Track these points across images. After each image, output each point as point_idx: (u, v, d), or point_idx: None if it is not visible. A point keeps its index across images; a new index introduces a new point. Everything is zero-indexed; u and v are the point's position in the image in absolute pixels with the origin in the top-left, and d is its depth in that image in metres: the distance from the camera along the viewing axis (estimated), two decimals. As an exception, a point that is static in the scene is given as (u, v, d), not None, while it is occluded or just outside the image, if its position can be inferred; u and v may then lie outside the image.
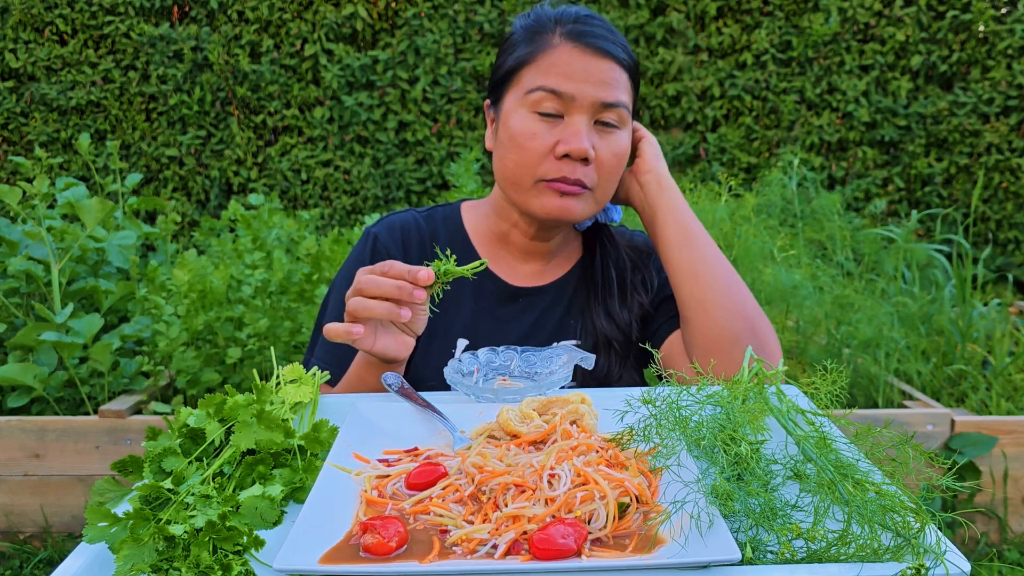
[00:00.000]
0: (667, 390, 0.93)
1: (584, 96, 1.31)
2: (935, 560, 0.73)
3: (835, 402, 0.94)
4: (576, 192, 1.34)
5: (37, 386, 2.78)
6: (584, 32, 1.33)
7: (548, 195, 1.35)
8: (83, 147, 3.75)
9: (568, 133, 1.31)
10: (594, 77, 1.31)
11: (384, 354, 1.23)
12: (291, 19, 5.19)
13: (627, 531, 0.81)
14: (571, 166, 1.32)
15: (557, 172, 1.32)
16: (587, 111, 1.32)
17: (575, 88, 1.30)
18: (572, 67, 1.31)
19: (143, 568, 0.76)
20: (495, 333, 1.45)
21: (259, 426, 0.95)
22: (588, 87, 1.31)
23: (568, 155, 1.31)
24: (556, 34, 1.34)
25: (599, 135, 1.34)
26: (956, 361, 3.21)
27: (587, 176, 1.33)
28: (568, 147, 1.30)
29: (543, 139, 1.32)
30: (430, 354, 1.44)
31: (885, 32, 5.04)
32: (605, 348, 1.46)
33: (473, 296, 1.49)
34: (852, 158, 5.22)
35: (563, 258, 1.56)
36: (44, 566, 2.67)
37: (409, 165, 5.30)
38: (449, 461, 0.97)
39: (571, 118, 1.32)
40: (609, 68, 1.32)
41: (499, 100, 1.41)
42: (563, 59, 1.32)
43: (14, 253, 3.14)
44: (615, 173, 1.37)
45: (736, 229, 2.86)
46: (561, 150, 1.31)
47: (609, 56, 1.32)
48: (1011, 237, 5.18)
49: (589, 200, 1.37)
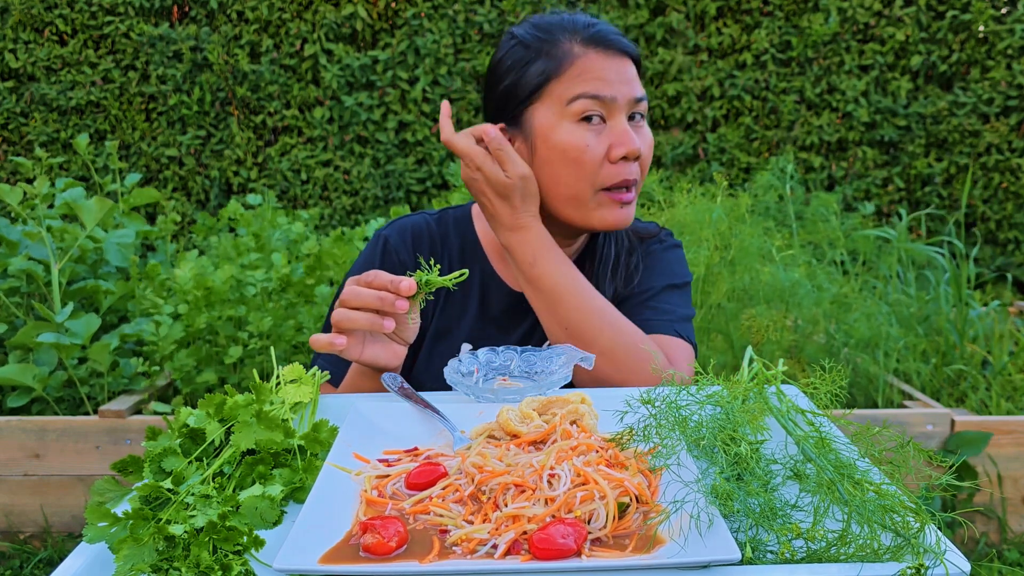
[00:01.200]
0: (667, 390, 0.93)
1: (623, 96, 1.34)
2: (935, 560, 0.73)
3: (835, 402, 0.94)
4: (631, 200, 1.37)
5: (36, 386, 2.78)
6: (601, 35, 1.36)
7: (608, 207, 1.36)
8: (81, 147, 3.75)
9: (616, 136, 1.33)
10: (624, 76, 1.35)
11: (374, 363, 1.24)
12: (291, 19, 5.19)
13: (627, 531, 0.81)
14: (628, 167, 1.34)
15: (618, 176, 1.34)
16: (624, 110, 1.35)
17: (614, 90, 1.33)
18: (606, 71, 1.33)
19: (143, 568, 0.76)
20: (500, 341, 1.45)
21: (259, 426, 0.95)
22: (623, 87, 1.34)
23: (626, 158, 1.34)
24: (574, 43, 1.35)
25: (636, 131, 1.37)
26: (956, 361, 3.21)
27: (636, 174, 1.37)
28: (626, 149, 1.32)
29: (597, 148, 1.33)
30: (432, 360, 1.45)
31: (885, 32, 5.04)
32: None
33: (479, 303, 1.49)
34: (852, 158, 5.22)
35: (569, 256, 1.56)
36: (44, 566, 2.67)
37: (409, 165, 5.30)
38: (449, 461, 0.97)
39: (613, 120, 1.34)
40: (629, 66, 1.37)
41: (520, 119, 1.38)
42: (595, 65, 1.33)
43: (14, 253, 3.14)
44: (649, 163, 1.42)
45: (733, 229, 2.87)
46: (618, 153, 1.33)
47: (626, 54, 1.37)
48: (1011, 237, 5.18)
49: (634, 199, 1.40)
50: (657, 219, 2.89)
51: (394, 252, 1.49)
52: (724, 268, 2.78)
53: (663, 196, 3.01)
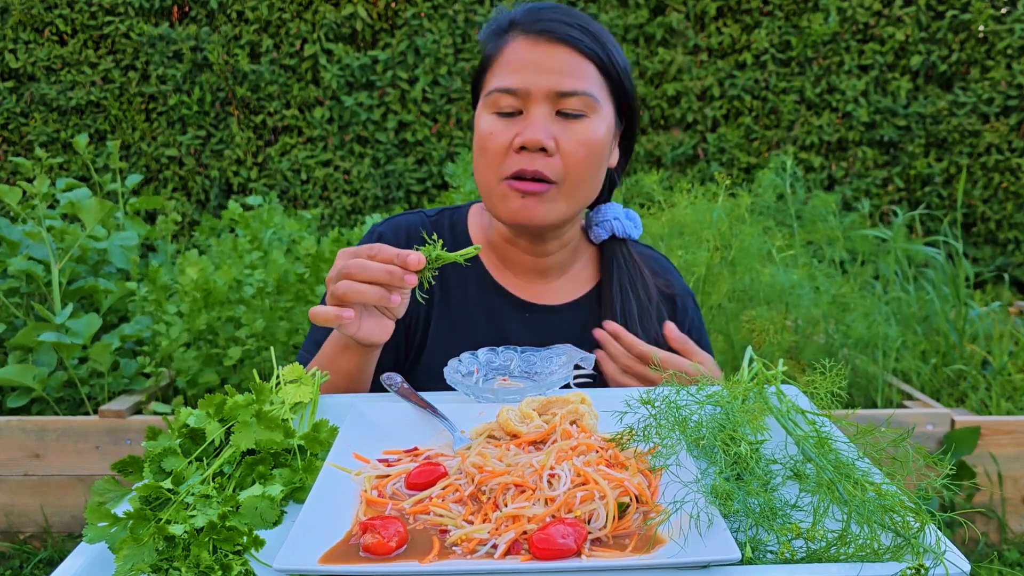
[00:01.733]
0: (667, 390, 0.93)
1: (538, 87, 1.26)
2: (935, 560, 0.73)
3: (835, 402, 0.94)
4: (537, 191, 1.28)
5: (36, 387, 2.78)
6: (536, 22, 1.29)
7: (511, 198, 1.29)
8: (81, 147, 3.75)
9: (524, 125, 1.27)
10: (546, 66, 1.26)
11: (368, 339, 1.19)
12: (291, 19, 5.19)
13: (627, 531, 0.81)
14: (529, 158, 1.26)
15: (516, 166, 1.27)
16: (545, 102, 1.27)
17: (527, 80, 1.26)
18: (524, 60, 1.27)
19: (143, 568, 0.76)
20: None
21: (259, 426, 0.95)
22: (541, 77, 1.26)
23: (525, 147, 1.26)
24: (511, 31, 1.32)
25: (561, 125, 1.27)
26: (955, 361, 3.21)
27: (548, 168, 1.27)
28: (523, 138, 1.25)
29: (502, 136, 1.28)
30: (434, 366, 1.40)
31: (885, 32, 5.04)
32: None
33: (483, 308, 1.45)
34: (852, 158, 5.22)
35: (578, 278, 1.49)
36: (44, 566, 2.67)
37: (409, 165, 5.30)
38: (449, 461, 0.97)
39: (529, 111, 1.27)
40: (565, 55, 1.27)
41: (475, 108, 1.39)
42: (516, 54, 1.28)
43: (14, 253, 3.14)
44: (586, 165, 1.29)
45: (733, 229, 2.86)
46: (517, 142, 1.26)
47: (564, 43, 1.27)
48: (1011, 237, 5.18)
49: (556, 198, 1.30)
50: (657, 219, 2.88)
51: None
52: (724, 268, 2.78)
53: (663, 196, 3.01)
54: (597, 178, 1.35)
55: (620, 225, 1.46)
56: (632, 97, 1.38)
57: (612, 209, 1.47)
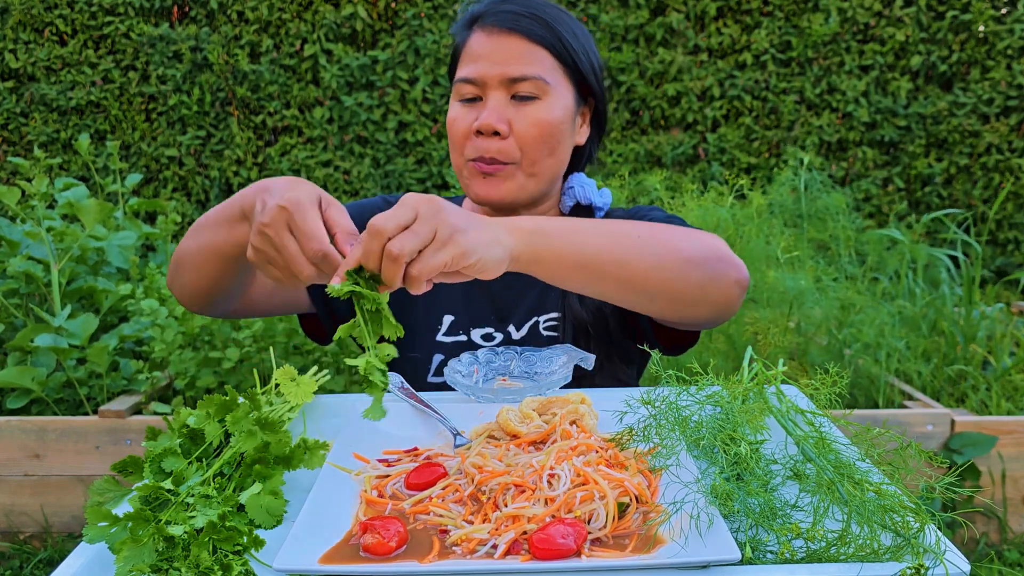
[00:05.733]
0: (666, 390, 0.93)
1: (491, 76, 1.35)
2: (935, 560, 0.73)
3: (835, 403, 0.94)
4: (495, 170, 1.36)
5: (35, 388, 2.78)
6: (490, 14, 1.38)
7: (476, 178, 1.39)
8: (83, 147, 3.75)
9: (482, 112, 1.36)
10: (499, 55, 1.35)
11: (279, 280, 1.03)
12: (291, 19, 5.19)
13: (627, 531, 0.81)
14: (486, 143, 1.35)
15: (475, 151, 1.36)
16: (499, 88, 1.36)
17: (482, 70, 1.35)
18: (480, 51, 1.37)
19: (143, 568, 0.76)
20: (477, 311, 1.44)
21: (263, 432, 0.94)
22: (494, 66, 1.35)
23: (480, 132, 1.35)
24: (473, 24, 1.40)
25: (516, 108, 1.36)
26: (957, 362, 3.21)
27: (502, 152, 1.35)
28: (478, 123, 1.34)
29: (463, 121, 1.38)
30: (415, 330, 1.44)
31: (885, 32, 5.04)
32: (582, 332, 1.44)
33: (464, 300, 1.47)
34: (852, 158, 5.22)
35: None
36: (44, 566, 2.67)
37: (409, 165, 5.30)
38: (449, 461, 0.97)
39: (487, 98, 1.37)
40: (516, 43, 1.35)
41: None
42: (474, 47, 1.38)
43: (14, 253, 3.14)
44: (541, 143, 1.36)
45: (739, 230, 2.86)
46: (473, 127, 1.36)
47: (514, 32, 1.36)
48: (1011, 237, 5.18)
49: (518, 175, 1.38)
50: (660, 221, 2.87)
51: None
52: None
53: (665, 197, 3.01)
54: (557, 155, 1.41)
55: (581, 191, 1.50)
56: (591, 78, 1.43)
57: (575, 179, 1.53)
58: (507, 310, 1.45)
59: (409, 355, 1.42)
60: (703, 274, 1.16)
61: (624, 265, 1.11)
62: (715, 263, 1.18)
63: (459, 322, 1.44)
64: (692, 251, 1.16)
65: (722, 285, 1.18)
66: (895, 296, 3.48)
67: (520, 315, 1.45)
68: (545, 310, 1.45)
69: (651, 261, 1.13)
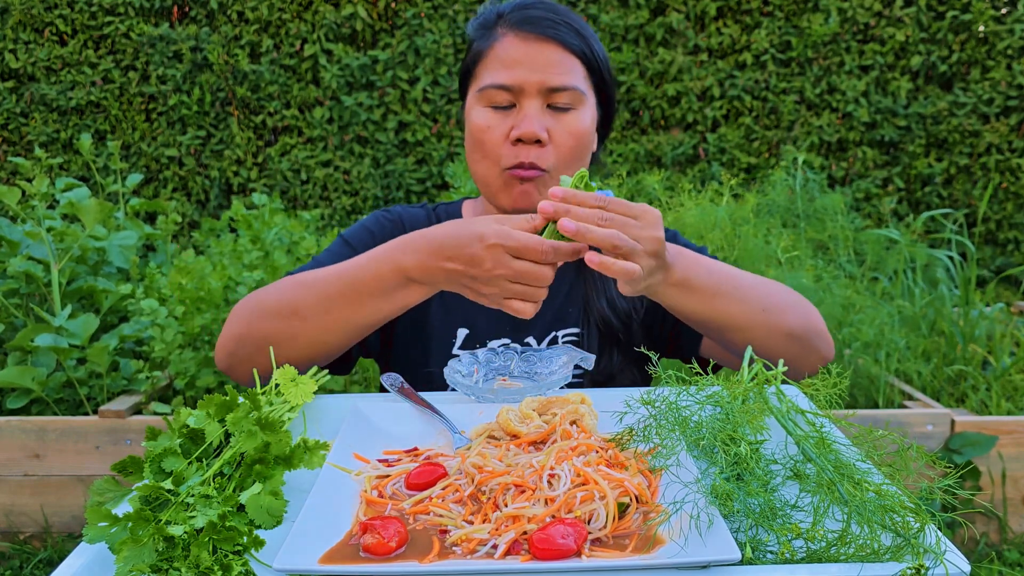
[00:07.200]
0: (667, 390, 0.93)
1: (530, 83, 1.33)
2: (935, 560, 0.73)
3: (835, 403, 0.94)
4: (533, 176, 1.34)
5: (35, 388, 2.78)
6: (525, 19, 1.35)
7: (512, 184, 1.36)
8: (84, 147, 3.75)
9: (519, 118, 1.34)
10: (538, 62, 1.33)
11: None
12: (291, 19, 5.19)
13: (627, 531, 0.81)
14: (526, 150, 1.33)
15: (515, 158, 1.34)
16: (537, 96, 1.34)
17: (520, 77, 1.33)
18: (516, 56, 1.33)
19: (143, 568, 0.76)
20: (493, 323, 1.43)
21: (263, 433, 0.94)
22: (533, 73, 1.33)
23: (521, 140, 1.33)
24: (501, 26, 1.37)
25: (553, 117, 1.35)
26: (957, 362, 3.21)
27: (541, 158, 1.34)
28: (519, 131, 1.32)
29: (498, 128, 1.35)
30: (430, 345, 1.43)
31: (885, 32, 5.04)
32: (607, 338, 1.43)
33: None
34: (852, 158, 5.22)
35: None
36: (44, 566, 2.67)
37: (409, 165, 5.30)
38: (449, 461, 0.97)
39: (522, 104, 1.34)
40: (553, 51, 1.34)
41: (465, 101, 1.45)
42: (507, 50, 1.34)
43: (14, 253, 3.14)
44: (575, 153, 1.37)
45: (736, 230, 2.86)
46: (513, 135, 1.33)
47: (552, 40, 1.34)
48: (1011, 237, 5.18)
49: (549, 183, 1.36)
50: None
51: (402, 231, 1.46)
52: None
53: (664, 197, 3.01)
54: (584, 163, 1.42)
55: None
56: (611, 86, 1.45)
57: None
58: (523, 323, 1.45)
59: (423, 371, 1.41)
60: (800, 348, 1.27)
61: (737, 317, 1.23)
62: (814, 338, 1.28)
63: (474, 335, 1.43)
64: (796, 324, 1.26)
65: (812, 360, 1.28)
66: (894, 296, 3.48)
67: (539, 330, 1.45)
68: (565, 325, 1.45)
69: (761, 332, 1.24)
